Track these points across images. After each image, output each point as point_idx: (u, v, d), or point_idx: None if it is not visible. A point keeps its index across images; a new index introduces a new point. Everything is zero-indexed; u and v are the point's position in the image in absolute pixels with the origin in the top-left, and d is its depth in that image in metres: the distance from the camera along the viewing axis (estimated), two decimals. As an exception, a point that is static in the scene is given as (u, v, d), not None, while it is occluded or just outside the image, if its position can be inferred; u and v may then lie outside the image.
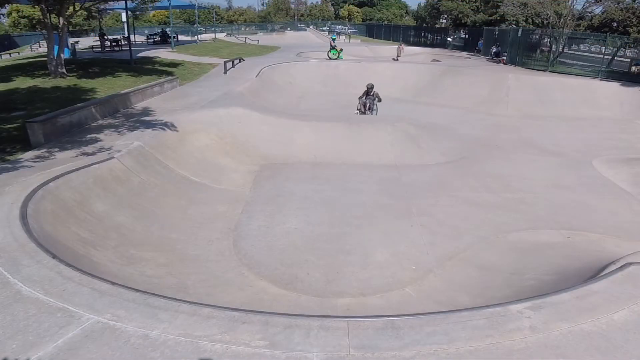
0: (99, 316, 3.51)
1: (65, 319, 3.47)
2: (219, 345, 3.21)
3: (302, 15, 74.67)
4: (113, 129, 9.95)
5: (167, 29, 36.24)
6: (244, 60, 22.95)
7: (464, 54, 32.22)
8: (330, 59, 24.32)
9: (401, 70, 22.34)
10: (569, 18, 24.60)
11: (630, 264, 4.40)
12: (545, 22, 25.56)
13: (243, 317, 3.55)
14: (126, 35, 24.66)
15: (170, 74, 17.22)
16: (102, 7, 25.73)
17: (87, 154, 8.05)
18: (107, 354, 3.11)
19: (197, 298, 4.68)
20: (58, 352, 3.12)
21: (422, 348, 3.19)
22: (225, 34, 48.28)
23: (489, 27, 32.60)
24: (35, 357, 3.06)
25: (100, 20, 39.72)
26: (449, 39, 40.87)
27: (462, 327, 3.42)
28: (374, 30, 54.93)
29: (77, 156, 7.95)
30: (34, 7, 25.46)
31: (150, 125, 10.26)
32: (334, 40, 27.32)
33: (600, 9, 28.28)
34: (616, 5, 26.40)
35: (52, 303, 3.67)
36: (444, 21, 52.45)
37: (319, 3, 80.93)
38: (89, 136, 9.31)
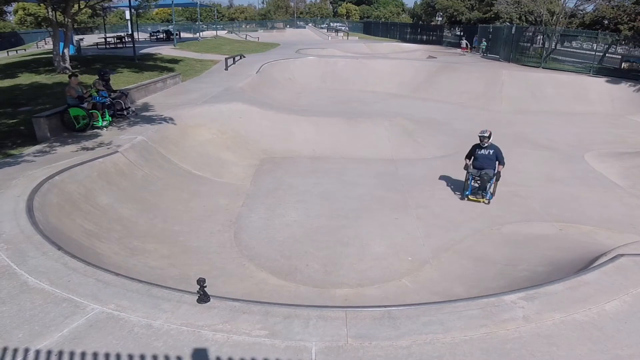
0: (103, 306, 3.59)
1: (70, 309, 3.55)
2: (220, 335, 3.29)
3: (301, 13, 74.49)
4: (116, 124, 10.04)
5: (170, 27, 36.15)
6: (244, 57, 22.94)
7: (459, 50, 32.11)
8: None
9: (398, 66, 22.29)
10: (561, 16, 24.60)
11: (621, 255, 4.47)
12: (538, 19, 25.51)
13: (244, 307, 3.64)
14: (130, 32, 24.67)
15: (172, 70, 17.28)
16: (106, 5, 25.65)
17: (92, 149, 8.15)
18: (111, 343, 3.19)
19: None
20: (63, 341, 3.21)
21: (418, 337, 3.27)
22: (226, 32, 47.98)
23: (484, 25, 32.54)
24: (41, 346, 3.14)
25: (105, 17, 39.61)
26: (445, 34, 40.74)
27: (458, 317, 3.50)
28: (371, 28, 54.78)
29: (81, 150, 8.05)
30: (40, 5, 25.48)
31: (153, 120, 10.34)
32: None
33: (591, 7, 28.24)
34: (607, 4, 26.33)
35: (57, 293, 3.75)
36: (440, 19, 52.30)
37: (318, 1, 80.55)
38: (93, 131, 9.41)
